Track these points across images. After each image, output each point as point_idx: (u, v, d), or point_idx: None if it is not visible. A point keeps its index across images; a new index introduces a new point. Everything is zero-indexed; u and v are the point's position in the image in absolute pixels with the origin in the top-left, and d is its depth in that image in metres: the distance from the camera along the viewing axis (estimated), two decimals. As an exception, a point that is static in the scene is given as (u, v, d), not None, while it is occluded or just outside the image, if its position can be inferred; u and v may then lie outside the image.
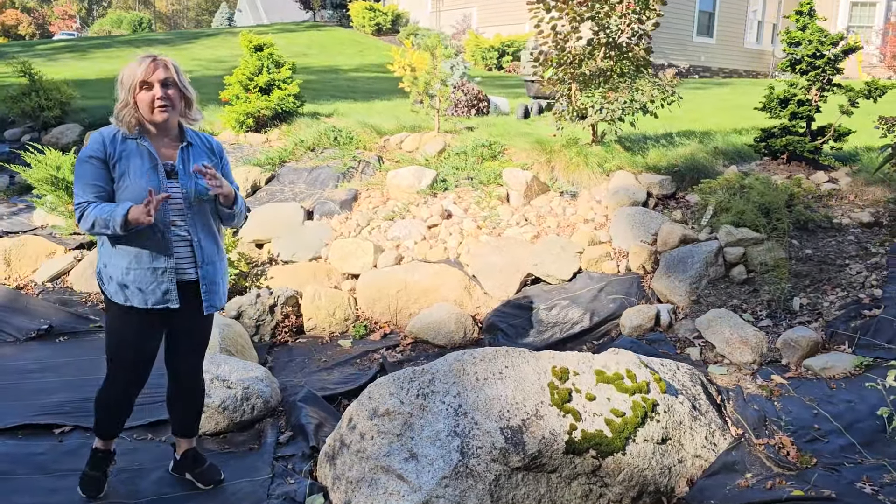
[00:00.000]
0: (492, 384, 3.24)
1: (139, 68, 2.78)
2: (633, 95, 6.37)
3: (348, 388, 4.69)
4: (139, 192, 2.79)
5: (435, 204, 6.58)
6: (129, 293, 2.87)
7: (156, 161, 2.87)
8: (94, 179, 2.81)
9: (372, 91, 13.81)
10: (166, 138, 2.94)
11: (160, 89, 2.78)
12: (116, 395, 3.15)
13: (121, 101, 2.83)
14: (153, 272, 2.89)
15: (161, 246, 2.89)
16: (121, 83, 2.83)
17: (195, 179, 2.92)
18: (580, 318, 4.89)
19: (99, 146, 2.82)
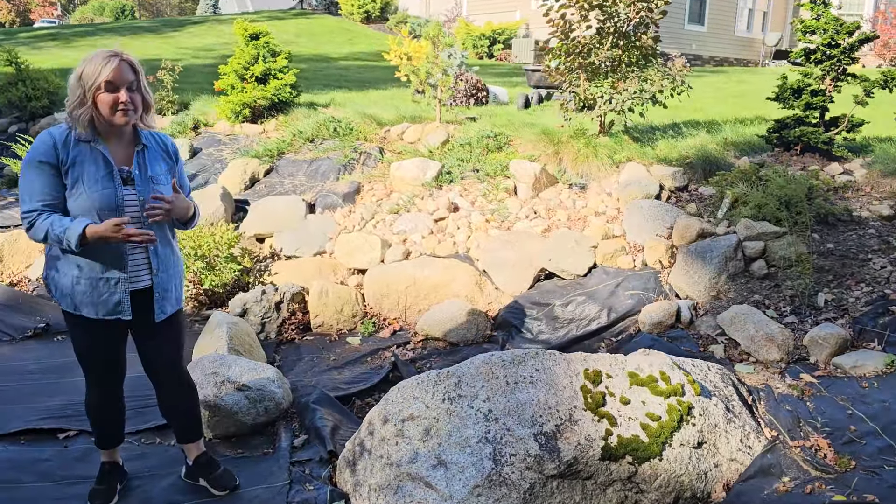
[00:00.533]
0: (522, 388, 3.12)
1: (104, 67, 2.56)
2: (642, 85, 6.24)
3: (361, 387, 4.57)
4: (94, 202, 2.61)
5: (441, 197, 6.44)
6: (78, 302, 2.71)
7: (111, 167, 2.67)
8: (45, 187, 2.60)
9: (364, 80, 13.62)
10: (121, 141, 2.75)
11: (125, 93, 2.60)
12: (98, 400, 3.04)
13: (75, 98, 2.61)
14: (105, 283, 2.72)
15: (115, 256, 2.71)
16: (78, 78, 2.60)
17: (152, 186, 2.75)
18: (597, 315, 4.79)
19: (49, 150, 2.60)
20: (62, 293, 2.72)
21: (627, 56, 6.51)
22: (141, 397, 4.22)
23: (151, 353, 3.02)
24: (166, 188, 2.79)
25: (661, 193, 5.79)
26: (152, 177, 2.77)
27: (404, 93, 11.09)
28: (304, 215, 6.56)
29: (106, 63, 2.57)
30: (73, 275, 2.68)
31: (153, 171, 2.78)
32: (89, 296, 2.69)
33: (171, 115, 9.56)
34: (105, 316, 2.73)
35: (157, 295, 2.84)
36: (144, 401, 4.26)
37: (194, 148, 8.31)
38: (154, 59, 16.78)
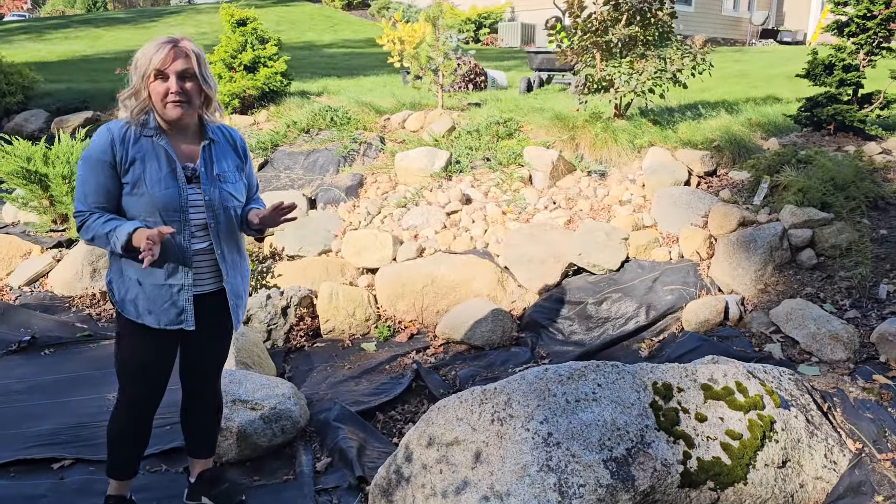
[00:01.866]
0: (585, 406, 2.76)
1: (156, 54, 2.35)
2: (663, 65, 5.88)
3: (383, 399, 4.19)
4: (156, 202, 2.42)
5: (452, 188, 6.05)
6: (140, 310, 2.52)
7: (174, 164, 2.46)
8: (99, 186, 2.41)
9: (353, 67, 13.18)
10: (185, 135, 2.52)
11: (176, 82, 2.37)
12: (131, 421, 2.74)
13: (130, 88, 2.42)
14: (168, 289, 2.52)
15: (179, 260, 2.50)
16: (134, 67, 2.40)
17: (220, 185, 2.54)
18: (635, 313, 4.43)
19: (106, 147, 2.39)
20: (125, 299, 2.52)
21: (644, 34, 6.13)
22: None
23: (200, 366, 2.85)
24: (235, 186, 2.58)
25: (689, 179, 5.44)
26: (219, 175, 2.55)
27: (397, 79, 10.66)
28: (305, 211, 6.15)
29: (158, 49, 2.36)
30: (133, 279, 2.49)
31: (220, 168, 2.56)
32: (151, 303, 2.50)
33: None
34: (167, 326, 2.54)
35: (231, 302, 2.66)
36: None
37: (182, 142, 7.83)
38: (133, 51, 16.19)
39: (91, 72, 12.20)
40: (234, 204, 2.58)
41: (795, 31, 23.78)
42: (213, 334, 2.77)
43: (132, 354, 2.61)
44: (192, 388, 2.93)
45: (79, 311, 5.58)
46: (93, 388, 4.42)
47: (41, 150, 6.47)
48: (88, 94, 9.81)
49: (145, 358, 2.61)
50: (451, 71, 7.45)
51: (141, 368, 2.63)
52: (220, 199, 2.53)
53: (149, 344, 2.58)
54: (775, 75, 11.39)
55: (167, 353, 2.67)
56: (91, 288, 5.77)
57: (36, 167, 6.31)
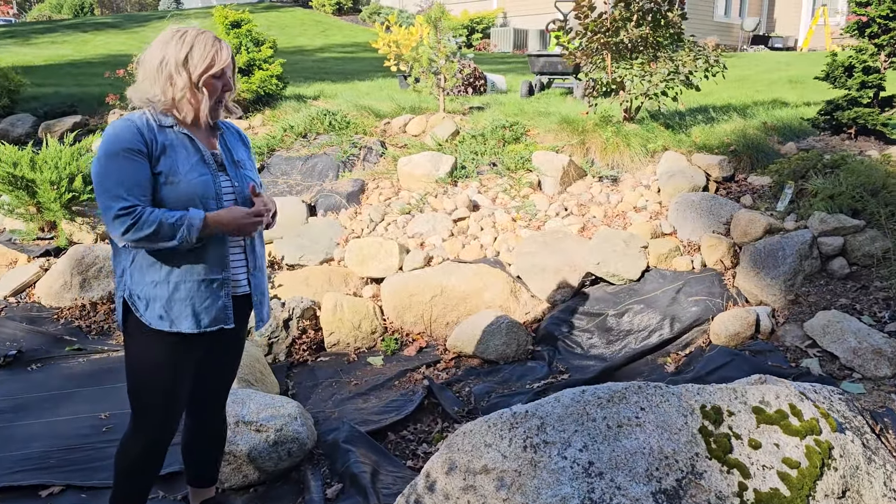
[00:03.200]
0: (629, 432, 2.53)
1: (219, 55, 2.25)
2: (676, 66, 5.68)
3: (393, 418, 3.94)
4: (195, 190, 2.26)
5: (458, 194, 5.82)
6: (175, 315, 2.30)
7: (201, 151, 2.33)
8: (140, 179, 2.19)
9: (346, 72, 12.97)
10: (199, 126, 2.39)
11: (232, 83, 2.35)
12: (148, 452, 2.48)
13: (179, 85, 2.23)
14: (208, 286, 2.34)
15: (217, 253, 2.35)
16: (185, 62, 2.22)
17: (243, 172, 2.44)
18: (658, 325, 4.21)
19: (136, 136, 2.19)
20: (155, 308, 2.29)
21: (654, 35, 5.94)
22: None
23: (215, 380, 2.66)
24: (252, 174, 2.48)
25: (707, 185, 5.23)
26: (238, 161, 2.45)
27: (393, 83, 10.45)
28: (305, 218, 5.90)
29: (220, 49, 2.26)
30: (171, 281, 2.29)
31: (238, 155, 2.46)
32: (190, 304, 2.30)
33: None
34: (208, 326, 2.34)
35: (255, 298, 2.50)
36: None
37: (174, 147, 7.56)
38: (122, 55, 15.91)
39: (79, 76, 11.92)
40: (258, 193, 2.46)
41: (786, 38, 23.81)
42: (227, 347, 2.60)
43: (158, 374, 2.37)
44: (198, 410, 2.69)
45: (67, 324, 5.31)
46: (84, 406, 4.15)
47: (28, 155, 6.20)
48: (76, 98, 9.54)
49: (171, 374, 2.38)
50: (453, 74, 7.23)
51: (164, 390, 2.39)
52: (245, 185, 2.42)
53: (175, 358, 2.37)
54: (776, 80, 11.27)
55: (190, 369, 2.45)
56: (80, 299, 5.50)
57: (23, 172, 6.03)
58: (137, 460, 2.48)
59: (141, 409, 2.42)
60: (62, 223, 6.21)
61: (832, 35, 22.98)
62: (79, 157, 6.38)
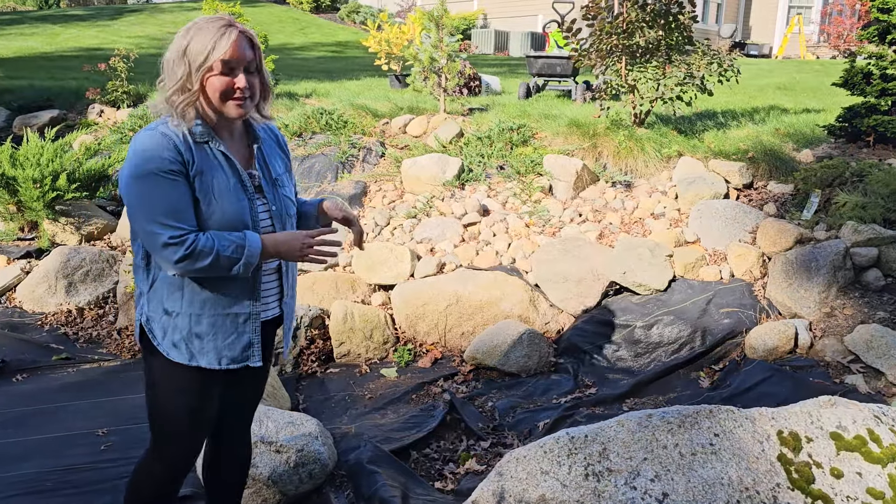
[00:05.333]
0: (703, 461, 2.35)
1: (220, 40, 1.87)
2: (691, 70, 5.55)
3: (415, 435, 3.72)
4: (230, 218, 1.95)
5: (466, 198, 5.62)
6: (195, 349, 2.03)
7: (238, 172, 2.01)
8: (184, 202, 1.89)
9: (330, 70, 12.70)
10: (233, 137, 2.07)
11: (244, 77, 1.92)
12: (170, 478, 2.24)
13: (176, 82, 1.89)
14: (233, 320, 2.06)
15: (247, 283, 2.05)
16: (182, 56, 1.89)
17: (280, 191, 2.13)
18: (690, 338, 4.05)
19: (173, 154, 1.86)
20: (174, 339, 2.03)
21: (667, 38, 5.80)
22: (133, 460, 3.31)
23: (240, 406, 2.41)
24: (290, 191, 2.19)
25: (728, 192, 5.10)
26: (276, 179, 2.14)
27: (383, 83, 10.23)
28: (306, 222, 5.63)
29: (222, 35, 1.87)
30: (191, 314, 2.01)
31: (275, 172, 2.15)
32: (212, 339, 2.04)
33: (126, 107, 8.46)
34: (228, 365, 2.08)
35: (286, 324, 2.26)
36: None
37: (162, 144, 7.24)
38: (94, 49, 15.42)
39: (52, 69, 11.46)
40: (293, 212, 2.18)
41: (762, 45, 24.10)
42: (254, 373, 2.31)
43: (177, 406, 2.12)
44: (223, 436, 2.44)
45: (53, 330, 5.00)
46: (79, 422, 3.85)
47: (7, 151, 5.85)
48: (52, 91, 9.14)
49: (197, 409, 2.13)
50: (455, 73, 7.02)
51: (189, 421, 2.14)
52: (283, 207, 2.12)
53: (202, 391, 2.12)
54: (764, 86, 11.28)
55: (215, 395, 2.20)
56: (66, 304, 5.19)
57: (3, 170, 5.69)
58: (159, 489, 2.23)
59: (163, 435, 2.18)
60: (45, 223, 5.88)
61: (807, 43, 23.29)
62: (62, 153, 6.04)
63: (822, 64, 16.54)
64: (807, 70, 14.19)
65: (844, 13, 22.61)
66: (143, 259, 2.02)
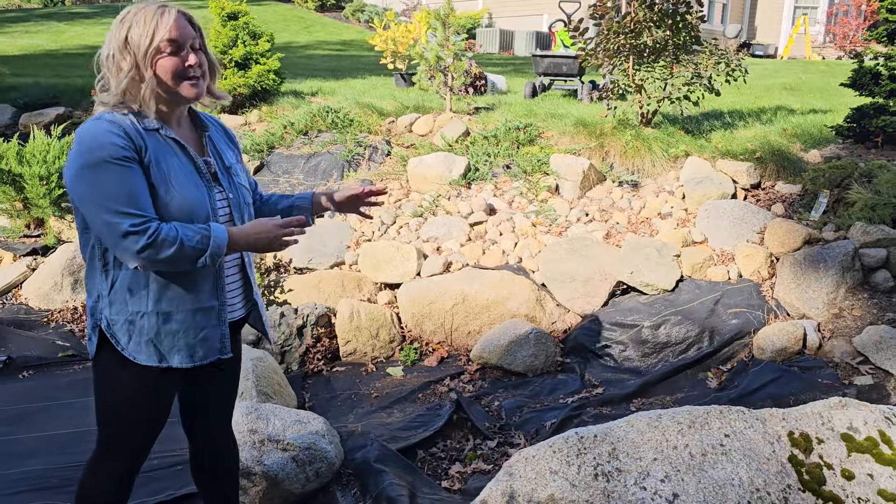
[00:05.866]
0: (714, 461, 2.34)
1: (160, 21, 1.84)
2: (698, 70, 5.54)
3: (422, 434, 3.71)
4: (191, 206, 1.91)
5: (473, 197, 5.61)
6: (165, 349, 1.98)
7: (194, 158, 1.98)
8: (141, 188, 1.83)
9: (335, 69, 12.69)
10: (181, 125, 2.04)
11: (192, 54, 1.90)
12: (117, 478, 2.14)
13: (125, 70, 1.85)
14: (204, 315, 2.02)
15: (211, 276, 2.02)
16: (124, 46, 1.84)
17: (235, 179, 2.11)
18: (697, 338, 4.04)
19: (123, 140, 1.81)
20: (141, 341, 1.96)
21: (674, 38, 5.79)
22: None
23: (204, 400, 2.32)
24: (244, 180, 2.17)
25: (735, 192, 5.09)
26: (230, 167, 2.11)
27: (388, 81, 10.21)
28: (312, 220, 5.62)
29: (161, 15, 1.84)
30: (160, 312, 1.96)
31: (228, 160, 2.12)
32: (183, 336, 2.00)
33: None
34: (203, 360, 2.05)
35: (264, 317, 2.30)
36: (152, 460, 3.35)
37: (168, 142, 7.24)
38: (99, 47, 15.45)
39: (57, 67, 11.47)
40: (250, 200, 2.16)
41: (767, 45, 24.02)
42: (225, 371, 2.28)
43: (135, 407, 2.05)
44: (203, 434, 2.37)
45: (59, 327, 5.00)
46: (85, 419, 3.83)
47: (14, 148, 5.85)
48: (58, 89, 9.14)
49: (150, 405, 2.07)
50: (461, 72, 7.01)
51: (144, 422, 2.09)
52: (240, 196, 2.09)
53: (157, 390, 2.06)
54: (770, 86, 11.25)
55: (172, 397, 2.15)
56: (72, 301, 5.19)
57: (9, 166, 5.69)
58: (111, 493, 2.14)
59: (114, 437, 2.10)
60: (51, 220, 5.88)
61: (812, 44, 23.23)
62: (68, 150, 6.05)
63: (827, 64, 16.49)
64: (812, 70, 14.16)
65: (850, 14, 22.57)
66: (101, 259, 1.94)
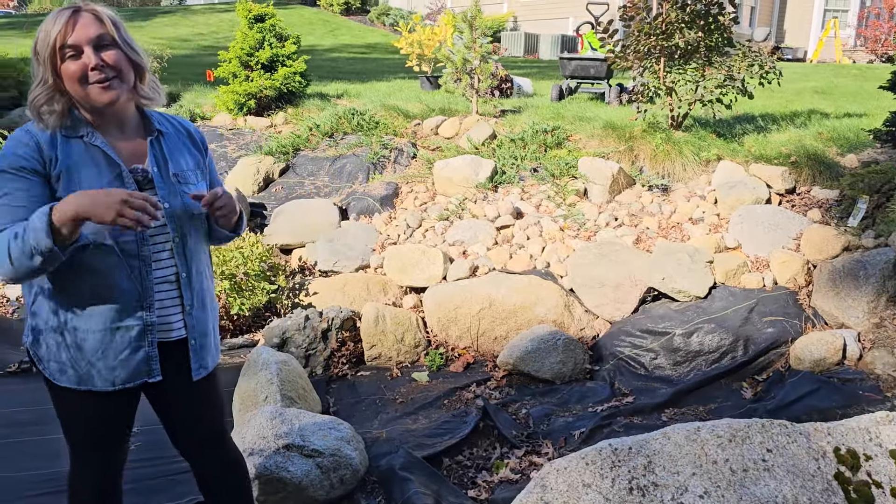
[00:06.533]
0: (756, 478, 2.24)
1: (56, 23, 1.76)
2: (731, 72, 5.42)
3: (448, 442, 3.64)
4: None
5: (500, 201, 5.53)
6: (82, 370, 1.86)
7: (118, 167, 1.84)
8: (20, 201, 1.73)
9: (359, 72, 12.70)
10: (124, 130, 1.90)
11: (93, 54, 1.76)
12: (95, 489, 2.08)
13: (37, 79, 1.79)
14: (124, 333, 1.86)
15: (135, 291, 1.86)
16: (35, 53, 1.80)
17: (180, 188, 1.93)
18: (731, 347, 3.93)
19: (30, 151, 1.75)
20: (60, 362, 1.85)
21: (706, 39, 5.67)
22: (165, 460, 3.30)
23: (188, 423, 2.15)
24: (198, 189, 1.97)
25: (770, 197, 4.96)
26: (178, 175, 1.94)
27: (413, 84, 10.18)
28: (337, 222, 5.60)
29: (58, 18, 1.76)
30: (75, 329, 1.82)
31: (177, 167, 1.95)
32: (101, 357, 1.85)
33: (160, 107, 8.50)
34: (124, 384, 1.89)
35: (192, 342, 2.00)
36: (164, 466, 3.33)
37: (194, 144, 7.25)
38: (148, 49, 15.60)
39: (87, 69, 11.60)
40: (199, 211, 1.96)
41: (796, 49, 23.68)
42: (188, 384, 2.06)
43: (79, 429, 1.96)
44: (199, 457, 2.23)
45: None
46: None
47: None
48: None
49: (97, 430, 1.97)
50: (488, 75, 6.95)
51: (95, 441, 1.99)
52: (184, 206, 1.92)
53: (98, 412, 1.93)
54: (801, 90, 11.05)
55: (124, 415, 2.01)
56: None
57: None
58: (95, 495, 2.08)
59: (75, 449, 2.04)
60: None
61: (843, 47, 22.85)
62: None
63: (858, 68, 16.20)
64: (844, 74, 13.90)
65: (882, 17, 22.17)
66: None
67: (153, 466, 3.36)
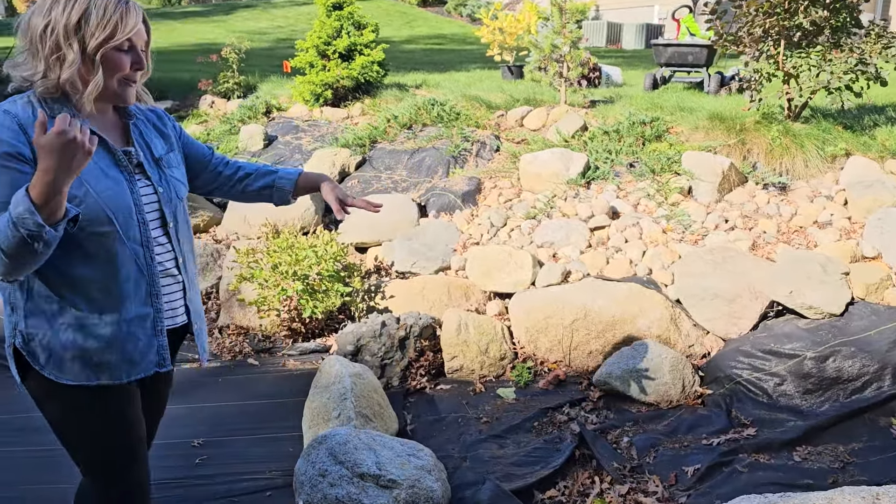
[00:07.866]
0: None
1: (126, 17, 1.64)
2: (862, 56, 4.76)
3: (540, 473, 3.21)
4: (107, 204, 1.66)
5: (593, 199, 5.04)
6: (95, 364, 1.74)
7: (111, 149, 1.74)
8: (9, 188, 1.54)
9: (437, 62, 12.35)
10: (104, 114, 1.80)
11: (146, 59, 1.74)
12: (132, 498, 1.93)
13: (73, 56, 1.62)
14: (140, 323, 1.78)
15: (143, 279, 1.78)
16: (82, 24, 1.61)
17: (166, 171, 1.88)
18: (876, 376, 3.35)
19: (15, 134, 1.57)
20: (65, 360, 1.71)
21: (832, 18, 5.03)
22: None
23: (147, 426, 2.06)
24: (180, 172, 1.94)
25: (912, 199, 4.32)
26: (160, 159, 1.88)
27: (494, 74, 9.74)
28: (416, 219, 5.23)
29: (127, 12, 1.64)
30: (87, 324, 1.70)
31: (157, 152, 1.89)
32: (119, 349, 1.75)
33: (237, 98, 8.35)
34: (142, 374, 1.81)
35: (195, 326, 1.98)
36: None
37: (269, 135, 7.03)
38: (209, 43, 15.73)
39: (166, 63, 11.64)
40: (183, 194, 1.94)
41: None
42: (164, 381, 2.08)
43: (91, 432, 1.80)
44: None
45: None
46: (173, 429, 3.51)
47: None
48: (165, 84, 9.18)
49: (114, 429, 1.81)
50: (578, 62, 6.44)
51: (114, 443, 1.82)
52: (172, 189, 1.87)
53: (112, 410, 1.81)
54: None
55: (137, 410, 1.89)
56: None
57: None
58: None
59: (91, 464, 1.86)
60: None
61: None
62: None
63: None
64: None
65: None
66: None
67: (215, 485, 3.05)
